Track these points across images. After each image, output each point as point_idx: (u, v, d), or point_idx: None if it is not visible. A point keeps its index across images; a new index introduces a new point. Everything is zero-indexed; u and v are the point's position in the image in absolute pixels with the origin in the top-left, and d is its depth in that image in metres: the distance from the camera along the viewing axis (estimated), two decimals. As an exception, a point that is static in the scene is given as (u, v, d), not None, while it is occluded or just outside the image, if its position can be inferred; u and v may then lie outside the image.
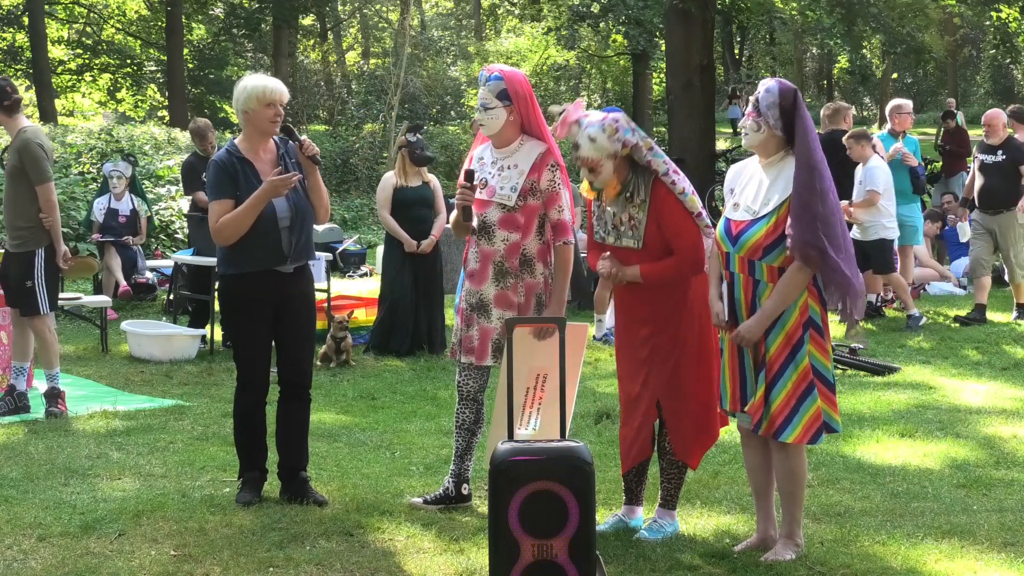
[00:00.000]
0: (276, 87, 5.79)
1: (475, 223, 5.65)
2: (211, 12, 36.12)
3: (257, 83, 5.77)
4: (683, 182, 5.33)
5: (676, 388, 5.31)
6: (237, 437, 6.03)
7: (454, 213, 5.79)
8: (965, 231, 12.08)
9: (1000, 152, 11.34)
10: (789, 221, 4.87)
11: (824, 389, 4.96)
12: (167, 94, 32.20)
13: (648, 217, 5.25)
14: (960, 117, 22.09)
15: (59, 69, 34.26)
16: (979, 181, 11.55)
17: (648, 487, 5.69)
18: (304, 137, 5.94)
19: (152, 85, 36.88)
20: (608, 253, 5.38)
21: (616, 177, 5.29)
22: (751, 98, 5.11)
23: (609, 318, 10.36)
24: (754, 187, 5.05)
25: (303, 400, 6.04)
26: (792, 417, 4.93)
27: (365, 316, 10.94)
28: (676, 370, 5.30)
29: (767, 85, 5.07)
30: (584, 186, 5.46)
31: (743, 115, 5.20)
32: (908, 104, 13.05)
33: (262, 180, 5.73)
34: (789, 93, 5.01)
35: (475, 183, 5.59)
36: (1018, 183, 11.46)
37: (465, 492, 5.81)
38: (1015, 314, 11.57)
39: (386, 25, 44.89)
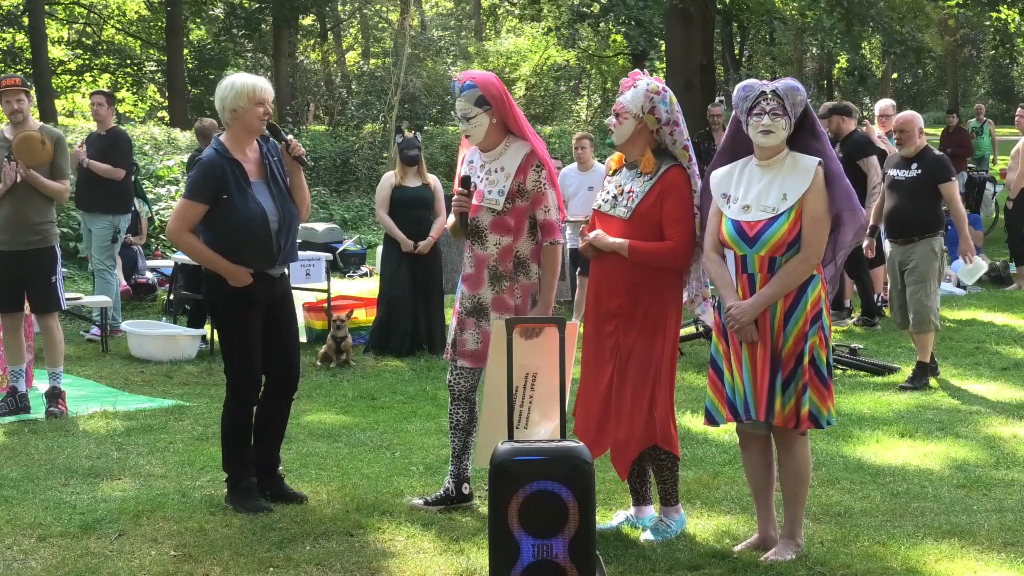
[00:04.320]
0: (265, 86, 5.82)
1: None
2: (211, 12, 36.07)
3: (247, 81, 5.77)
4: (698, 180, 5.40)
5: (626, 385, 5.30)
6: (233, 444, 5.85)
7: (452, 217, 5.80)
8: (977, 268, 9.64)
9: (915, 166, 8.82)
10: (835, 195, 4.99)
11: (817, 383, 4.98)
12: (167, 94, 32.17)
13: (649, 192, 5.30)
14: (987, 127, 22.06)
15: (59, 69, 34.20)
16: (888, 202, 9.02)
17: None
18: (290, 137, 5.93)
19: (152, 85, 36.84)
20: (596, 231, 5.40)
21: (648, 150, 5.36)
22: (770, 102, 4.99)
23: None
24: (761, 186, 5.04)
25: (290, 400, 6.06)
26: (798, 407, 4.96)
27: (365, 316, 10.94)
28: (632, 368, 5.30)
29: (790, 84, 5.06)
30: (613, 157, 5.56)
31: None
32: (892, 107, 12.99)
33: (250, 181, 5.75)
34: (804, 90, 5.13)
35: (471, 189, 5.62)
36: (936, 204, 8.89)
37: (466, 492, 5.82)
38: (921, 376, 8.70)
39: (386, 25, 44.86)
